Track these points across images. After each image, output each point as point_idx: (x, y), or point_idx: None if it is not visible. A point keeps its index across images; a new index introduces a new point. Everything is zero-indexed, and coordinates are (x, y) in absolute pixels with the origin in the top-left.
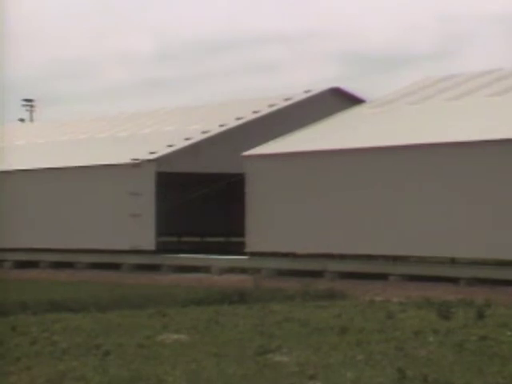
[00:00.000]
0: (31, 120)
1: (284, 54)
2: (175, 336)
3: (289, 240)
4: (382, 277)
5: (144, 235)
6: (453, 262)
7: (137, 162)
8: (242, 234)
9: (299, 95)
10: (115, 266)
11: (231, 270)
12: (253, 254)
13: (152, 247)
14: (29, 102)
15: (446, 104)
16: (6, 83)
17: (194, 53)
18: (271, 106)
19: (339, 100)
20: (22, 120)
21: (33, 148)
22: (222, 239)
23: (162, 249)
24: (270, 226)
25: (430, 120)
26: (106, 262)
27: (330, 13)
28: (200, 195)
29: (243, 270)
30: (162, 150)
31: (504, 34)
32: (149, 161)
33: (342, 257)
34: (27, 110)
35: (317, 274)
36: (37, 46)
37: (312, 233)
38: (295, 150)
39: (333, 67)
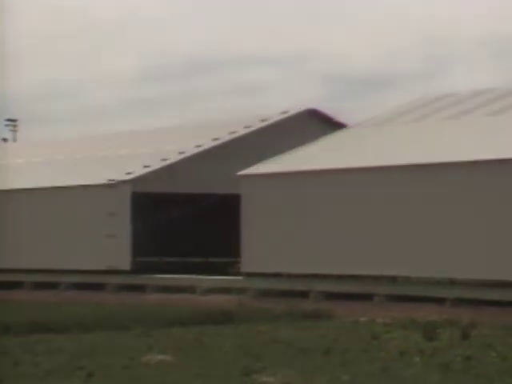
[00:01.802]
0: (14, 140)
1: (269, 75)
2: (160, 357)
3: (283, 260)
4: (367, 297)
5: (120, 255)
6: (438, 282)
7: (113, 182)
8: (221, 253)
9: (275, 116)
10: (99, 287)
11: (216, 291)
12: (248, 275)
13: (127, 267)
14: (12, 122)
15: (444, 123)
16: None
17: (179, 73)
18: (247, 127)
19: (316, 121)
20: (5, 140)
21: (13, 168)
22: (202, 259)
23: (138, 269)
24: (264, 246)
25: (428, 139)
26: (90, 283)
27: (315, 34)
28: (179, 215)
29: (228, 290)
30: (139, 171)
31: (487, 56)
32: (124, 181)
33: (327, 277)
34: (10, 130)
35: (302, 295)
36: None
37: (304, 253)
38: (291, 170)
39: (318, 88)
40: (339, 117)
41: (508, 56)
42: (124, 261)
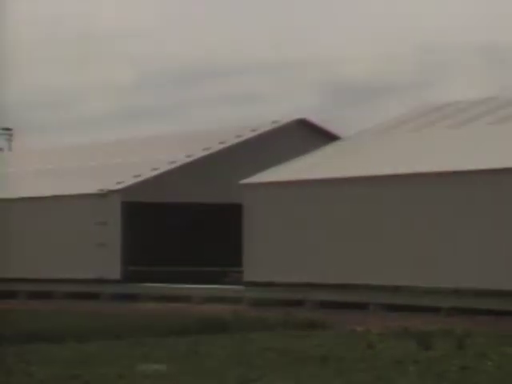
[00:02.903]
0: (10, 149)
1: (263, 83)
2: (155, 366)
3: (282, 270)
4: (363, 306)
5: (110, 265)
6: (433, 292)
7: (103, 192)
8: (212, 263)
9: (266, 126)
10: (94, 296)
11: (211, 300)
12: (250, 284)
13: (117, 276)
14: (7, 131)
15: (447, 131)
16: None
17: (174, 82)
18: (238, 136)
19: (305, 131)
20: (0, 149)
21: (4, 178)
22: (193, 269)
23: (128, 278)
24: (266, 256)
25: (429, 148)
26: (84, 292)
27: (309, 43)
28: (169, 225)
29: (223, 300)
30: (129, 180)
31: (483, 64)
32: (114, 191)
33: (322, 286)
34: (6, 139)
35: (297, 304)
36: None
37: (303, 262)
38: (295, 179)
39: (313, 97)
40: (330, 127)
41: (504, 64)
42: (114, 270)
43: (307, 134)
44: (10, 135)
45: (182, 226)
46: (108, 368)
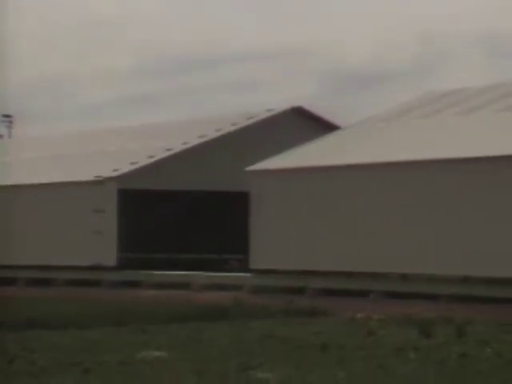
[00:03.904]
0: (10, 136)
1: (264, 71)
2: (156, 353)
3: (286, 257)
4: (363, 294)
5: (106, 251)
6: (433, 279)
7: (99, 179)
8: (209, 250)
9: (261, 114)
10: (93, 283)
11: (212, 287)
12: (257, 272)
13: (113, 263)
14: (8, 118)
15: (455, 118)
16: None
17: (175, 70)
18: (234, 124)
19: (300, 119)
20: (0, 136)
21: (2, 165)
22: (190, 256)
23: (124, 265)
24: (272, 243)
25: (441, 135)
26: (83, 279)
27: (309, 31)
28: (165, 212)
29: (222, 287)
30: (125, 168)
31: (482, 52)
32: (111, 178)
33: (323, 273)
34: (6, 126)
35: (298, 291)
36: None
37: (309, 249)
38: (303, 166)
39: (312, 85)
40: (329, 114)
41: (504, 53)
42: (110, 257)
43: (302, 122)
44: (11, 122)
45: (178, 213)
46: (109, 355)
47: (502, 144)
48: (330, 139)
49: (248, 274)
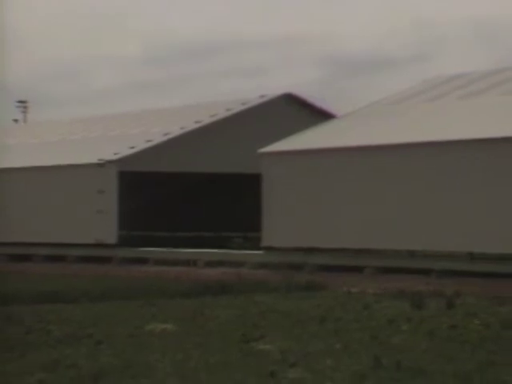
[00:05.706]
0: (25, 121)
1: (265, 57)
2: (163, 326)
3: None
4: (358, 269)
5: (107, 230)
6: (425, 255)
7: (101, 162)
8: (213, 228)
9: (254, 100)
10: (105, 260)
11: (216, 264)
12: (268, 249)
13: (113, 241)
14: (22, 104)
15: (460, 102)
16: (0, 85)
17: (180, 56)
18: (228, 110)
19: (292, 105)
20: (15, 121)
21: (17, 148)
22: (193, 234)
23: (124, 242)
24: (283, 222)
25: (445, 118)
26: (96, 256)
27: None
28: (164, 192)
29: (226, 264)
30: (125, 151)
31: (479, 37)
32: (111, 161)
33: (322, 250)
34: (22, 112)
35: (297, 267)
36: (29, 49)
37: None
38: (314, 147)
39: (313, 71)
40: (329, 100)
41: (500, 38)
42: (111, 235)
43: (294, 108)
44: (25, 108)
45: (176, 193)
46: (119, 327)
47: (506, 126)
48: (339, 122)
49: (250, 252)
